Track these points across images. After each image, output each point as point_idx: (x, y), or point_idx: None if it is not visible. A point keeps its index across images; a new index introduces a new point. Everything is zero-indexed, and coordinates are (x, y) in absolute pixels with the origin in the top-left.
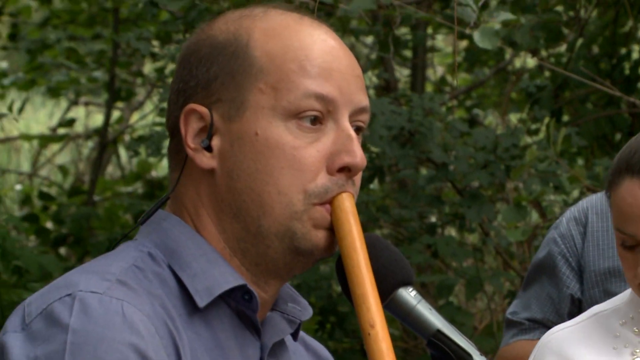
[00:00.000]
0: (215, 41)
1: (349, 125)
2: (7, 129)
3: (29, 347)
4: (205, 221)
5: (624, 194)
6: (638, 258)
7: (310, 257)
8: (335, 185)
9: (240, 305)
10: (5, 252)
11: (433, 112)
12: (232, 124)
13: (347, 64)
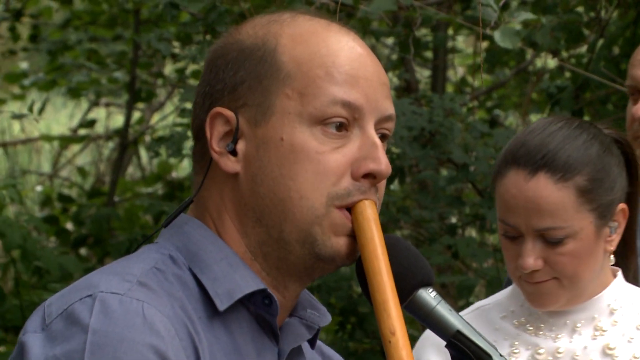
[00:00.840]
0: (243, 45)
1: (375, 132)
2: (28, 130)
3: (49, 347)
4: (228, 225)
5: (508, 186)
6: (519, 249)
7: (331, 264)
8: (358, 191)
9: (259, 310)
10: (26, 253)
11: (454, 112)
12: (257, 129)
13: (374, 71)
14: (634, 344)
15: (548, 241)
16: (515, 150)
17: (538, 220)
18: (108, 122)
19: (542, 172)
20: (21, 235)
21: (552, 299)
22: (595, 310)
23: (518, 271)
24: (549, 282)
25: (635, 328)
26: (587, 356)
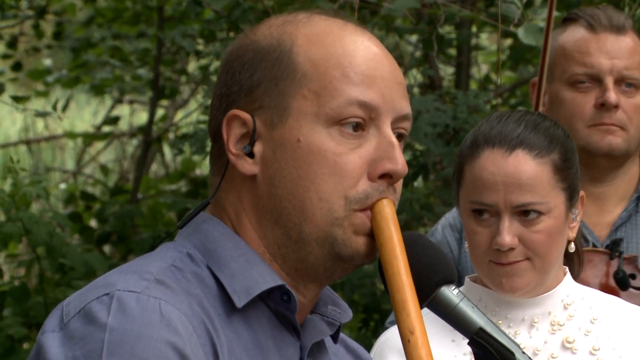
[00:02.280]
0: (258, 46)
1: (391, 132)
2: (52, 127)
3: (67, 346)
4: (246, 226)
5: (485, 164)
6: (493, 230)
7: (350, 263)
8: (376, 192)
9: (278, 306)
10: (52, 250)
11: (477, 109)
12: (274, 131)
13: (390, 70)
14: (591, 337)
15: (524, 219)
16: (487, 133)
17: (518, 195)
18: (132, 119)
19: (520, 149)
20: (47, 232)
21: (523, 282)
22: (550, 305)
23: (488, 255)
24: (522, 263)
25: (589, 322)
26: (548, 350)
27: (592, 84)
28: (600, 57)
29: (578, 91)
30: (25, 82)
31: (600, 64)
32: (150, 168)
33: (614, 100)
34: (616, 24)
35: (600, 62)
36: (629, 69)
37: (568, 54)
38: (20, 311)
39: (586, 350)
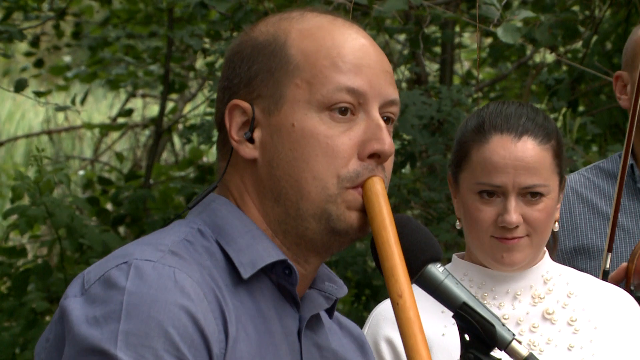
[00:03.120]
0: (256, 42)
1: (379, 115)
2: (71, 119)
3: (88, 308)
4: (250, 205)
5: (495, 149)
6: (499, 209)
7: (345, 237)
8: (366, 170)
9: (280, 279)
10: (72, 231)
11: (460, 103)
12: (271, 117)
13: (377, 59)
14: (568, 310)
15: (528, 199)
16: (492, 119)
17: (526, 177)
18: (144, 112)
19: (526, 135)
20: (68, 215)
21: (522, 256)
22: (532, 279)
23: (491, 231)
24: (523, 239)
25: (566, 296)
26: (529, 321)
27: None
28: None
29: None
30: (46, 77)
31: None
32: (161, 156)
33: None
34: None
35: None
36: None
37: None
38: (42, 287)
39: (564, 321)
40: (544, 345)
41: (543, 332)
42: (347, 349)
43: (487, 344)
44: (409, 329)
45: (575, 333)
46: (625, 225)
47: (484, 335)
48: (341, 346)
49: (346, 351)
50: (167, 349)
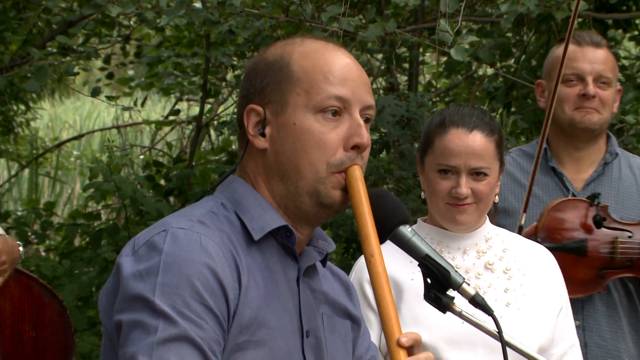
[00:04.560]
0: (267, 61)
1: (360, 117)
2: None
3: (135, 265)
4: (261, 185)
5: (452, 138)
6: (453, 183)
7: (330, 209)
8: (349, 159)
9: (283, 240)
10: (134, 200)
11: (423, 105)
12: (278, 118)
13: (358, 74)
14: (504, 261)
15: (475, 177)
16: (451, 117)
17: (474, 161)
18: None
19: (476, 130)
20: (131, 189)
21: (469, 218)
22: (477, 238)
23: (446, 199)
24: (471, 206)
25: (502, 251)
26: (475, 270)
27: (577, 81)
28: (583, 62)
29: (568, 86)
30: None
31: (583, 67)
32: (201, 145)
33: (593, 92)
34: (594, 39)
35: (583, 66)
36: (604, 71)
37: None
38: (112, 242)
39: (501, 270)
40: (486, 288)
41: (485, 278)
42: (336, 291)
43: (443, 286)
44: (377, 279)
45: (510, 279)
46: (538, 193)
47: (442, 279)
48: (331, 288)
49: (335, 292)
50: (193, 296)
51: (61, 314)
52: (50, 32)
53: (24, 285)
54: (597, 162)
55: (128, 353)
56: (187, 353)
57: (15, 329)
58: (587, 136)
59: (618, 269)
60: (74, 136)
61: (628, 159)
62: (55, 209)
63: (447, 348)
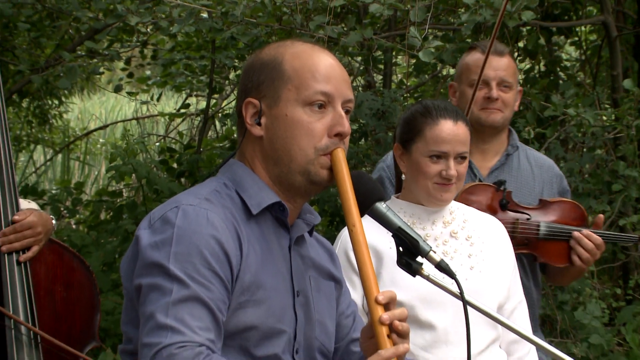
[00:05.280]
0: (262, 60)
1: (341, 109)
2: (151, 110)
3: (152, 236)
4: (258, 167)
5: (442, 128)
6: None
7: (319, 186)
8: (333, 144)
9: (277, 214)
10: (150, 181)
11: (396, 100)
12: (272, 110)
13: (340, 73)
14: (465, 230)
15: (459, 160)
16: (436, 108)
17: (460, 147)
18: (197, 106)
19: (459, 120)
20: (147, 171)
21: (452, 196)
22: (443, 211)
23: (434, 179)
24: (454, 185)
25: (463, 222)
26: (442, 238)
27: (483, 86)
28: (488, 69)
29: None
30: (135, 84)
31: (488, 73)
32: (207, 134)
33: (496, 95)
34: (498, 48)
35: (488, 72)
36: (506, 76)
37: (470, 68)
38: (132, 216)
39: (463, 238)
40: (452, 254)
41: (451, 245)
42: (321, 257)
43: (413, 253)
44: (358, 246)
45: (472, 245)
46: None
47: (412, 248)
48: (317, 255)
49: (320, 258)
50: (202, 263)
51: (88, 277)
52: (79, 38)
53: (57, 252)
54: (500, 153)
55: (147, 311)
56: (198, 311)
57: (48, 290)
58: (491, 132)
59: (516, 246)
60: (99, 126)
61: (526, 151)
62: (84, 188)
63: (422, 306)
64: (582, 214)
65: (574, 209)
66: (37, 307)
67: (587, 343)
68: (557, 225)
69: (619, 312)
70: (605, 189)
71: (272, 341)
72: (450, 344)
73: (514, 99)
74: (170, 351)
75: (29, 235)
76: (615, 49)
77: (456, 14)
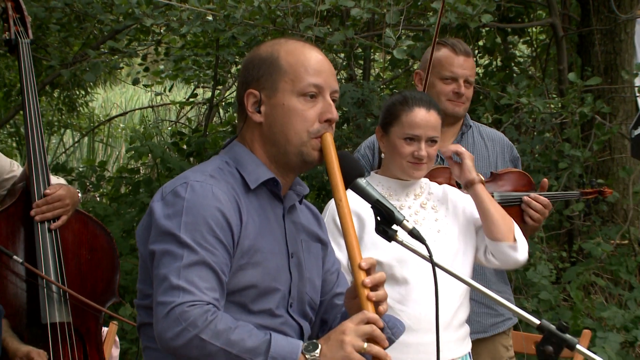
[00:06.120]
0: (261, 56)
1: (330, 98)
2: (164, 99)
3: (165, 208)
4: (257, 148)
5: (417, 114)
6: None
7: (310, 165)
8: (323, 128)
9: (272, 188)
10: (163, 160)
11: (373, 91)
12: (270, 100)
13: (328, 67)
14: (431, 201)
15: (430, 144)
16: (412, 98)
17: (431, 132)
18: (203, 96)
19: (432, 109)
20: (161, 151)
21: (422, 174)
22: (415, 186)
23: (408, 159)
24: (425, 164)
25: (428, 193)
26: (413, 208)
27: (452, 81)
28: (458, 68)
29: (444, 83)
30: (150, 77)
31: (458, 72)
32: (213, 120)
33: (463, 92)
34: (466, 50)
35: (458, 70)
36: (470, 76)
37: (443, 63)
38: (148, 190)
39: (430, 207)
40: (422, 221)
41: (421, 214)
42: (310, 222)
43: (389, 222)
44: (344, 218)
45: (437, 212)
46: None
47: (388, 217)
48: (307, 220)
49: (309, 223)
50: (208, 231)
51: (109, 242)
52: (103, 38)
53: (82, 221)
54: (456, 132)
55: (161, 274)
56: (205, 274)
57: (75, 253)
58: (453, 119)
59: None
60: (120, 113)
61: (478, 128)
62: (106, 166)
63: (398, 265)
64: (529, 180)
65: (521, 177)
66: (65, 268)
67: (537, 299)
68: (508, 193)
69: (564, 272)
70: (553, 167)
71: (267, 298)
72: (422, 299)
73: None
74: (183, 309)
75: (58, 206)
76: (561, 47)
77: (425, 17)
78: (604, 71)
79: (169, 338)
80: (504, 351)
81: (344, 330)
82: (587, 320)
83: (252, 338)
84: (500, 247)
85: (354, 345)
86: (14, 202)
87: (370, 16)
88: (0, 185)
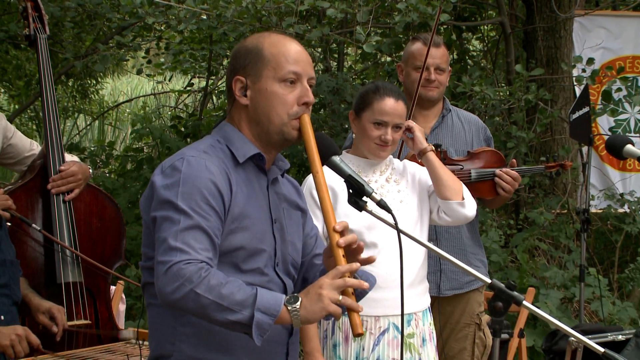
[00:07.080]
0: (247, 48)
1: (307, 84)
2: (165, 88)
3: (164, 180)
4: (244, 127)
5: (387, 103)
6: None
7: (290, 142)
8: (301, 110)
9: (257, 162)
10: (163, 140)
11: (346, 80)
12: (255, 85)
13: (306, 57)
14: (394, 175)
15: (395, 129)
16: (384, 88)
17: (398, 119)
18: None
19: (399, 98)
20: (161, 133)
21: (387, 154)
22: (381, 164)
23: (375, 141)
24: (390, 147)
25: (392, 169)
26: (381, 182)
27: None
28: (429, 58)
29: (417, 72)
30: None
31: (428, 62)
32: (207, 106)
33: (434, 78)
34: (435, 41)
35: (428, 60)
36: (441, 63)
37: (415, 55)
38: (150, 167)
39: (393, 181)
40: (386, 193)
41: (386, 187)
42: (290, 192)
43: (360, 194)
44: (320, 188)
45: (398, 185)
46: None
47: (358, 190)
48: (287, 191)
49: (290, 193)
50: (202, 199)
51: (116, 212)
52: (111, 34)
53: (93, 194)
54: (437, 115)
55: (161, 237)
56: (200, 236)
57: (86, 221)
58: (429, 103)
59: None
60: (126, 100)
61: (457, 112)
62: (114, 146)
63: (367, 232)
64: (501, 157)
65: (494, 155)
66: (78, 234)
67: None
68: (483, 170)
69: (512, 238)
70: (502, 147)
71: (255, 258)
72: (389, 260)
73: (447, 78)
74: (180, 266)
75: (72, 180)
76: (509, 42)
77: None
78: (546, 63)
79: (168, 292)
80: (477, 306)
81: (321, 284)
82: (531, 280)
83: (241, 292)
84: (450, 205)
85: (330, 297)
86: (33, 177)
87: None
88: (22, 162)
